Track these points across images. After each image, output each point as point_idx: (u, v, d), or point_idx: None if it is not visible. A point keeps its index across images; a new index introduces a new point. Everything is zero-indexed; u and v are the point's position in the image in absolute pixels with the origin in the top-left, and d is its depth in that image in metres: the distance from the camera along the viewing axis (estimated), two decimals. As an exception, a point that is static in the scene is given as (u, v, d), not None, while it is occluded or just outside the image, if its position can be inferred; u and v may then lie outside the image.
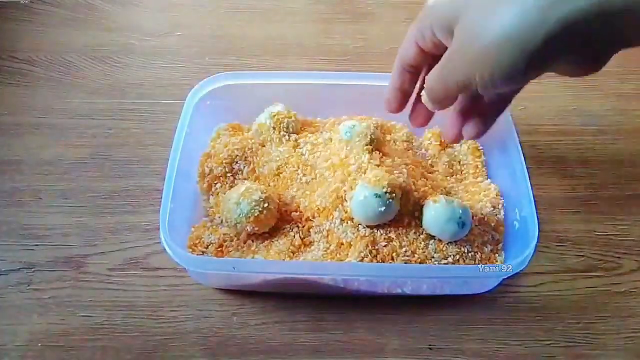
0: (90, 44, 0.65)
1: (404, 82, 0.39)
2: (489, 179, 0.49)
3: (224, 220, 0.44)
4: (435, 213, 0.42)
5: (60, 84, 0.61)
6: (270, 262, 0.41)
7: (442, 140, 0.52)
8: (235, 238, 0.44)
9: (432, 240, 0.43)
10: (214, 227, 0.45)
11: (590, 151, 0.55)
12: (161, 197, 0.49)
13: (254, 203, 0.42)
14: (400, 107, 0.41)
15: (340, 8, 0.71)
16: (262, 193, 0.43)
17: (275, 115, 0.49)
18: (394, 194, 0.41)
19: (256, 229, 0.43)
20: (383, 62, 0.64)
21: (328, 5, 0.71)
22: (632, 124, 0.58)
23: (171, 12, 0.70)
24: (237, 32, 0.67)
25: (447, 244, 0.43)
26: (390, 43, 0.66)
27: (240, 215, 0.42)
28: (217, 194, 0.47)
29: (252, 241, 0.44)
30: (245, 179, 0.48)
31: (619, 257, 0.48)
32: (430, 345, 0.43)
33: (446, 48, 0.32)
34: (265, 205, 0.42)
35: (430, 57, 0.36)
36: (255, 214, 0.42)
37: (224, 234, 0.44)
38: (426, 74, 0.36)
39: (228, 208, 0.43)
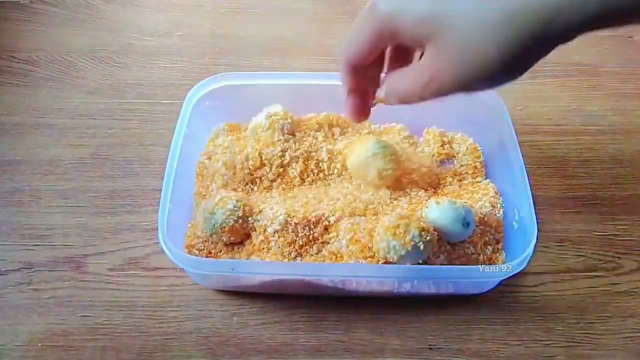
0: (90, 44, 0.65)
1: (359, 82, 0.37)
2: (487, 179, 0.49)
3: (201, 231, 0.43)
4: (439, 214, 0.42)
5: (60, 84, 0.61)
6: (269, 264, 0.41)
7: (442, 141, 0.52)
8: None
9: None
10: None
11: (590, 151, 0.55)
12: (161, 197, 0.49)
13: (228, 212, 0.42)
14: (366, 111, 0.39)
15: (340, 8, 0.71)
16: (237, 202, 0.42)
17: (271, 116, 0.49)
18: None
19: (232, 238, 0.43)
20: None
21: (328, 5, 0.71)
22: (632, 124, 0.58)
23: (171, 12, 0.70)
24: (237, 32, 0.67)
25: (452, 245, 0.43)
26: (390, 43, 0.66)
27: (215, 226, 0.42)
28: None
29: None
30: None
31: (619, 257, 0.48)
32: (430, 345, 0.43)
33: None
34: (240, 214, 0.42)
35: (382, 54, 0.36)
36: (230, 224, 0.42)
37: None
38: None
39: (203, 218, 0.42)
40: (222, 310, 0.44)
